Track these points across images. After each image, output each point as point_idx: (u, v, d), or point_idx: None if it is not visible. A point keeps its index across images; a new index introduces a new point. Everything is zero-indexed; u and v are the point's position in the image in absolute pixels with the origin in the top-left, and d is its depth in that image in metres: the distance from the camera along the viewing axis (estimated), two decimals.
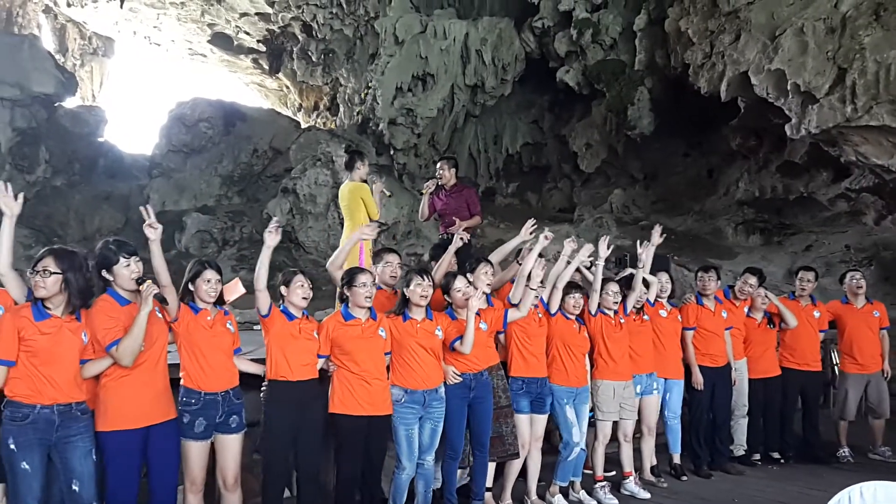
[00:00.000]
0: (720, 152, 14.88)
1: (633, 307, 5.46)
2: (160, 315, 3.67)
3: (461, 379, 4.44)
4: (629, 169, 16.25)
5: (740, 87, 11.71)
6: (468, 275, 4.60)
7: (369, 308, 4.20)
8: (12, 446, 3.18)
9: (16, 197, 3.38)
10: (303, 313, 4.07)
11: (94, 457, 3.35)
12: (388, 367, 4.30)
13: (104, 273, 3.53)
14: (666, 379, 5.68)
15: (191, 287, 3.81)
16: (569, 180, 17.29)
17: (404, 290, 4.32)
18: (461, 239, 5.06)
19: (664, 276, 5.80)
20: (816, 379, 6.62)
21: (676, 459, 5.84)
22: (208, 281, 3.78)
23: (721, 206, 14.44)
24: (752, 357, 6.27)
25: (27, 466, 3.18)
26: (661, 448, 5.86)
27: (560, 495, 5.01)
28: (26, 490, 3.20)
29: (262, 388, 4.04)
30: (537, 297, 4.84)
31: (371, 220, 6.00)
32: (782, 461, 6.32)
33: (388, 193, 6.33)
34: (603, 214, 14.49)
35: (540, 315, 4.91)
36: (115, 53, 22.63)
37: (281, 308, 4.02)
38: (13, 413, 3.22)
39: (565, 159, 17.18)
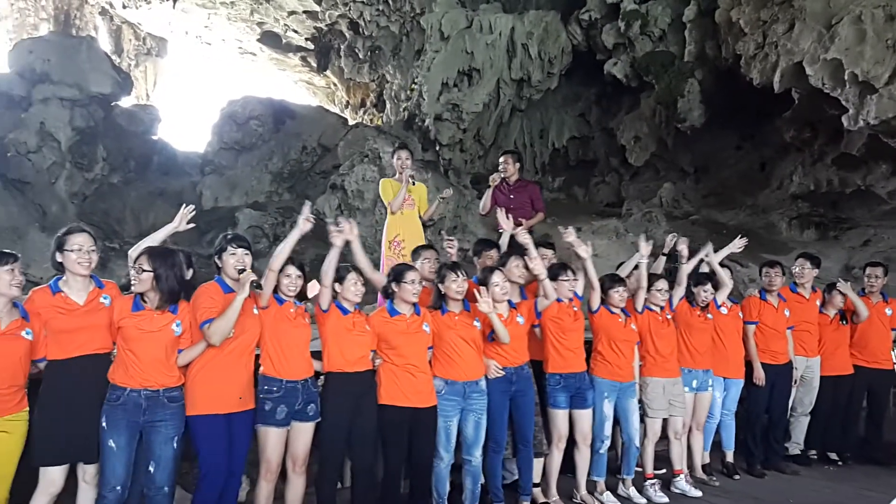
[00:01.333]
0: (773, 145, 14.52)
1: (699, 303, 5.41)
2: (257, 311, 3.91)
3: (503, 373, 4.49)
4: (679, 162, 15.98)
5: (794, 77, 11.42)
6: (501, 269, 4.66)
7: (413, 304, 4.30)
8: (104, 424, 3.48)
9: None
10: (355, 307, 4.19)
11: (175, 445, 3.59)
12: (429, 362, 4.38)
13: (216, 259, 3.90)
14: (725, 378, 5.60)
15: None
16: (617, 174, 17.08)
17: (439, 285, 4.40)
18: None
19: (726, 274, 5.73)
20: (886, 378, 6.44)
21: (729, 457, 5.77)
22: (289, 276, 4.02)
23: (774, 199, 14.09)
24: (823, 354, 6.15)
25: (113, 445, 3.46)
26: (714, 446, 5.79)
27: (609, 492, 5.00)
28: (109, 470, 3.47)
29: (320, 382, 4.18)
30: (571, 289, 4.83)
31: (392, 212, 6.04)
32: (839, 462, 6.18)
33: (412, 182, 6.23)
34: (652, 209, 14.27)
35: (575, 308, 4.89)
36: (167, 53, 23.14)
37: (335, 303, 4.14)
38: (110, 394, 3.53)
39: (613, 153, 16.97)
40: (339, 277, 4.16)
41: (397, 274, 4.33)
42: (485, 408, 4.42)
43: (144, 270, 3.55)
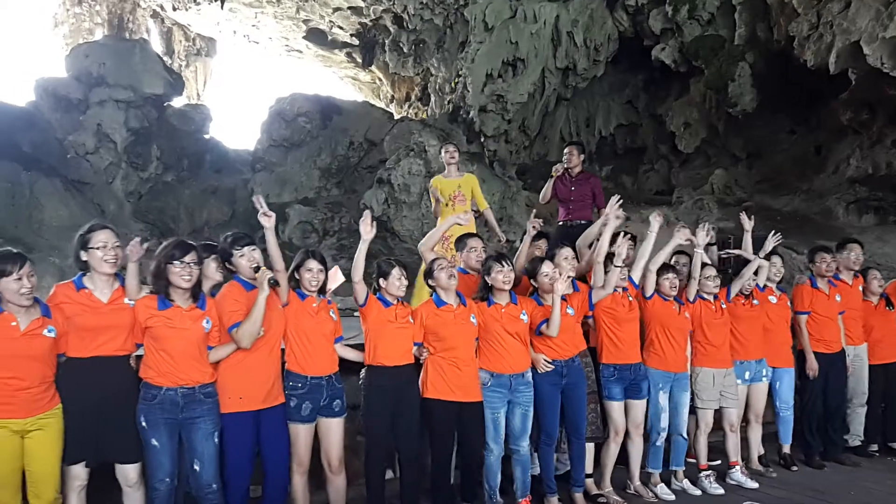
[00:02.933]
0: (829, 128, 14.11)
1: (742, 292, 5.30)
2: (280, 307, 3.86)
3: (552, 367, 4.45)
4: (730, 148, 15.65)
5: (851, 57, 11.07)
6: (550, 261, 4.60)
7: (458, 294, 4.29)
8: (144, 424, 3.45)
9: (141, 243, 3.62)
10: (398, 300, 4.19)
11: (215, 439, 3.55)
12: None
13: (228, 265, 3.80)
14: (775, 368, 5.48)
15: (296, 275, 4.00)
16: (666, 161, 16.83)
17: (485, 277, 4.37)
18: (534, 227, 5.09)
19: (778, 261, 5.58)
20: None
21: (786, 449, 5.64)
22: (310, 270, 3.94)
23: (831, 184, 13.70)
24: (871, 342, 5.96)
25: (156, 443, 3.43)
26: (771, 438, 5.67)
27: (662, 484, 4.94)
28: (157, 466, 3.45)
29: (361, 374, 4.20)
30: (623, 277, 4.77)
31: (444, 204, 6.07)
32: None
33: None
34: (703, 196, 14.02)
35: (631, 298, 4.83)
36: (217, 53, 23.61)
37: (377, 296, 4.14)
38: (145, 393, 3.48)
39: (662, 139, 16.73)
40: (384, 273, 4.14)
41: (428, 268, 4.36)
42: (531, 400, 4.39)
43: (195, 264, 3.53)
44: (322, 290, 4.04)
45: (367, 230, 4.06)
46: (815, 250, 5.87)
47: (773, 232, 5.47)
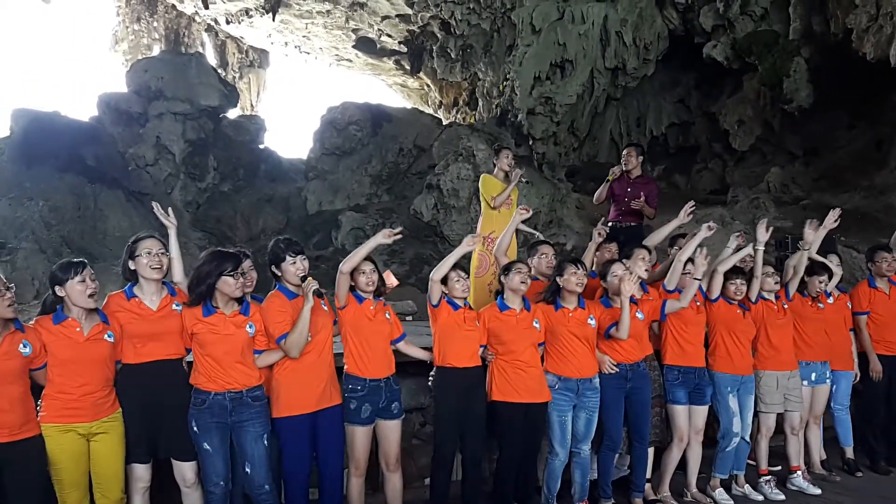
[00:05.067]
0: (890, 122, 13.63)
1: (810, 294, 5.20)
2: (325, 307, 3.94)
3: (617, 369, 4.44)
4: (787, 145, 15.26)
5: None
6: (624, 260, 4.61)
7: (524, 299, 4.33)
8: (195, 428, 3.58)
9: (166, 212, 3.88)
10: (464, 303, 4.25)
11: (265, 441, 3.65)
12: (541, 358, 4.40)
13: (274, 269, 3.85)
14: (833, 370, 5.35)
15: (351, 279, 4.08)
16: (720, 160, 16.50)
17: (557, 279, 4.39)
18: (599, 234, 5.15)
19: (834, 260, 5.47)
20: None
21: (849, 454, 5.50)
22: (364, 272, 4.02)
23: (893, 180, 13.22)
24: None
25: (208, 447, 3.56)
26: (831, 442, 5.54)
27: (721, 489, 4.87)
28: (211, 468, 3.59)
29: (431, 376, 4.28)
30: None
31: (490, 207, 6.05)
32: None
33: (523, 180, 6.28)
34: (759, 195, 13.69)
35: (698, 303, 4.79)
36: (269, 65, 24.08)
37: (446, 299, 4.21)
38: (195, 398, 3.61)
39: (715, 138, 16.41)
40: (444, 278, 4.24)
41: (507, 266, 4.41)
42: (597, 405, 4.39)
43: (243, 274, 3.67)
44: (378, 293, 4.11)
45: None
46: (875, 249, 5.75)
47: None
